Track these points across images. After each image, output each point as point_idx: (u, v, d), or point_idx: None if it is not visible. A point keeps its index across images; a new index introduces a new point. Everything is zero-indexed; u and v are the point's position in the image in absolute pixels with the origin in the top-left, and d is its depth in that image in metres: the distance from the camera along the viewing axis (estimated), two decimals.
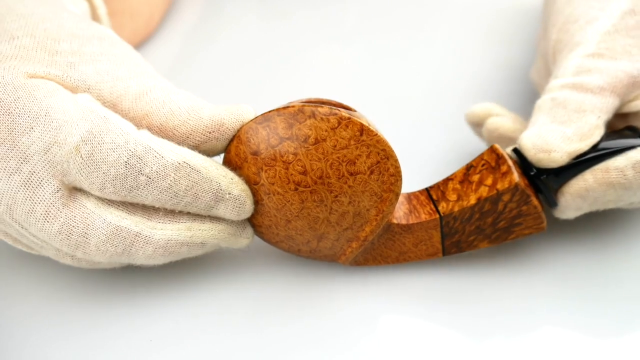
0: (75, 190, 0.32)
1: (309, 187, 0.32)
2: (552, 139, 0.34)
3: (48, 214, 0.31)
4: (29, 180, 0.30)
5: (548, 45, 0.41)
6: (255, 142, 0.32)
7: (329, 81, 0.50)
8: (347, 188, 0.32)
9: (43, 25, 0.33)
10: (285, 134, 0.31)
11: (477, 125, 0.41)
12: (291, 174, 0.32)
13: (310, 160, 0.32)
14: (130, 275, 0.37)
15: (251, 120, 0.32)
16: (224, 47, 0.54)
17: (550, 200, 0.35)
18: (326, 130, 0.31)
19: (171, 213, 0.33)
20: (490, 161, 0.35)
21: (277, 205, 0.33)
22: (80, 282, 0.37)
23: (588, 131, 0.34)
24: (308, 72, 0.51)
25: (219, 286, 0.36)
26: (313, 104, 0.32)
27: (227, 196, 0.32)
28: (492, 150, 0.35)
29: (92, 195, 0.32)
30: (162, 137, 0.32)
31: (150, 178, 0.31)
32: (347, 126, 0.31)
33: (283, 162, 0.32)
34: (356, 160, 0.32)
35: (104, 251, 0.32)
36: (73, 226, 0.31)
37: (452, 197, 0.35)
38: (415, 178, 0.40)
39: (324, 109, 0.31)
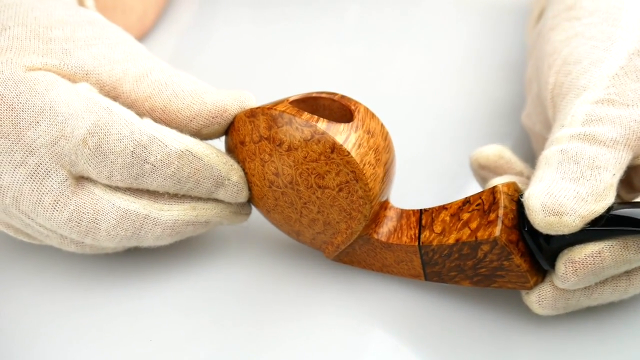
0: (82, 178, 0.32)
1: (281, 188, 0.33)
2: (564, 199, 0.29)
3: (57, 202, 0.31)
4: (36, 172, 0.31)
5: (544, 88, 0.37)
6: (242, 133, 0.33)
7: (325, 82, 0.48)
8: (315, 198, 0.32)
9: (33, 14, 0.33)
10: (264, 133, 0.32)
11: (483, 167, 0.36)
12: (266, 172, 0.33)
13: (282, 164, 0.32)
14: (125, 264, 0.37)
15: (243, 112, 0.33)
16: (220, 47, 0.54)
17: (542, 263, 0.31)
18: (299, 140, 0.31)
19: (175, 195, 0.33)
20: (485, 203, 0.32)
21: (257, 195, 0.34)
22: (77, 270, 0.37)
23: (604, 191, 0.30)
24: (304, 73, 0.51)
25: (210, 280, 0.37)
26: (294, 111, 0.31)
27: (227, 182, 0.33)
28: (491, 191, 0.32)
29: (99, 182, 0.32)
30: (165, 119, 0.33)
31: (155, 166, 0.32)
32: (319, 141, 0.31)
33: (260, 159, 0.33)
34: (325, 175, 0.32)
35: (114, 235, 0.32)
36: (83, 213, 0.32)
37: (437, 228, 0.33)
38: (414, 180, 0.40)
39: (302, 119, 0.31)
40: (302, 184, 0.32)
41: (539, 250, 0.31)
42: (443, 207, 0.33)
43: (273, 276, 0.37)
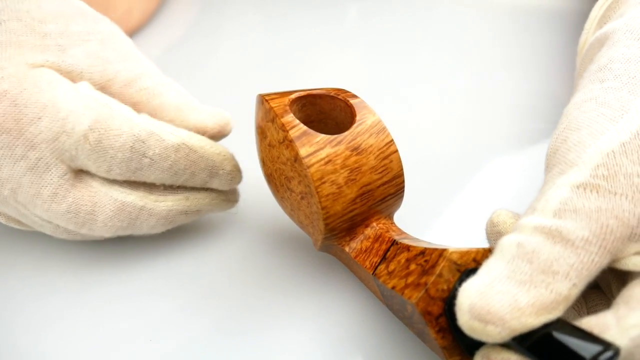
0: (81, 171, 0.33)
1: (266, 176, 0.34)
2: (497, 304, 0.25)
3: (56, 195, 0.32)
4: (36, 166, 0.32)
5: (547, 155, 0.32)
6: (255, 113, 0.34)
7: (328, 82, 0.47)
8: (286, 197, 0.33)
9: (24, 7, 0.33)
10: (261, 122, 0.33)
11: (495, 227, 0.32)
12: (259, 156, 0.34)
13: (265, 156, 0.33)
14: (113, 250, 0.38)
15: (260, 94, 0.33)
16: (221, 47, 0.54)
17: (462, 347, 0.28)
18: (275, 140, 0.32)
19: (170, 186, 0.35)
20: (431, 261, 0.28)
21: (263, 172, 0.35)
22: (65, 253, 0.38)
23: (551, 304, 0.25)
24: (306, 72, 0.51)
25: (197, 267, 0.37)
26: (282, 110, 0.31)
27: (221, 172, 0.35)
28: (440, 253, 0.28)
29: (97, 175, 0.33)
30: None
31: (153, 160, 0.33)
32: (288, 147, 0.31)
33: (258, 143, 0.34)
34: (291, 180, 0.32)
35: (110, 226, 0.34)
36: (81, 205, 0.33)
37: (391, 267, 0.30)
38: (414, 180, 0.38)
39: (281, 121, 0.31)
40: (277, 179, 0.33)
41: (456, 335, 0.28)
42: (407, 248, 0.30)
43: (262, 269, 0.37)
